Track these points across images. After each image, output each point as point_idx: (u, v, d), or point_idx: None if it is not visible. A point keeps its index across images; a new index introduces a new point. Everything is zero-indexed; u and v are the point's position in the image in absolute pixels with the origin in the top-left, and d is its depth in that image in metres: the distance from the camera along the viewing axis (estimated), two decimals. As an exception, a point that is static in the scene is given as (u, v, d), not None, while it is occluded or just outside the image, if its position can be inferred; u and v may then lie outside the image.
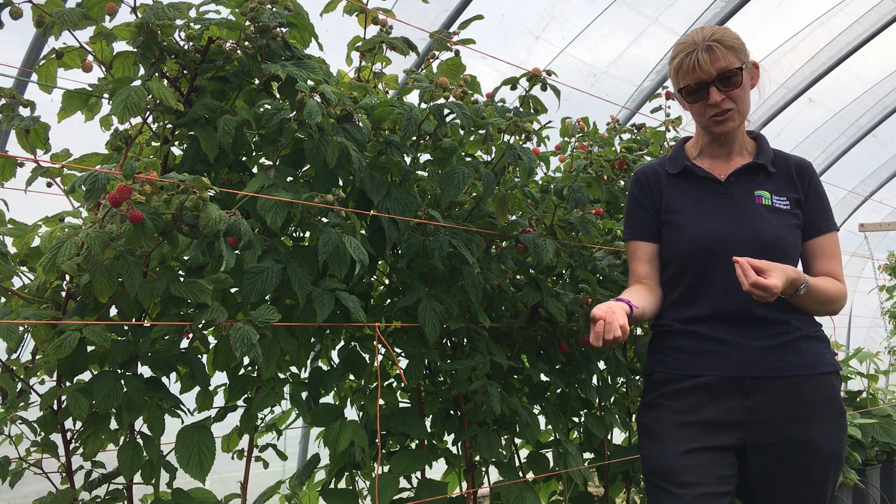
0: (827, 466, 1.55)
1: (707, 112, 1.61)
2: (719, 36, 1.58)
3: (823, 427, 1.55)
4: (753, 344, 1.57)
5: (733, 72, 1.57)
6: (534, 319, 2.15)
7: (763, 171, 1.67)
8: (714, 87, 1.58)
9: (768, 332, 1.58)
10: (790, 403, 1.55)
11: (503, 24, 4.78)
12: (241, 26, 1.65)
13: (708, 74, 1.57)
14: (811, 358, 1.58)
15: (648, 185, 1.73)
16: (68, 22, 1.53)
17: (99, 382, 1.44)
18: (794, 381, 1.56)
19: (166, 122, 1.64)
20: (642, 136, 2.75)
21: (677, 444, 1.56)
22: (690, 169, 1.70)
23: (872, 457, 4.00)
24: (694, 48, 1.58)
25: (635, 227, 1.73)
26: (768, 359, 1.56)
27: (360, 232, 1.74)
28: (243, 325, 1.40)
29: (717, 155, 1.70)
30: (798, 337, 1.59)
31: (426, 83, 1.89)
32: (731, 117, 1.61)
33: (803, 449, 1.54)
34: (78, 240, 1.36)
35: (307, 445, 4.02)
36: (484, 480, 2.13)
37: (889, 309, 6.87)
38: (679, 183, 1.70)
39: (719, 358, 1.58)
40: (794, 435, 1.54)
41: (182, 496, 1.59)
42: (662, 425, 1.61)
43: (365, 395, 2.01)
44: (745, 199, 1.64)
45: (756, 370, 1.56)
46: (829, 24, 5.92)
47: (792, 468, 1.54)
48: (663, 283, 1.71)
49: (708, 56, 1.56)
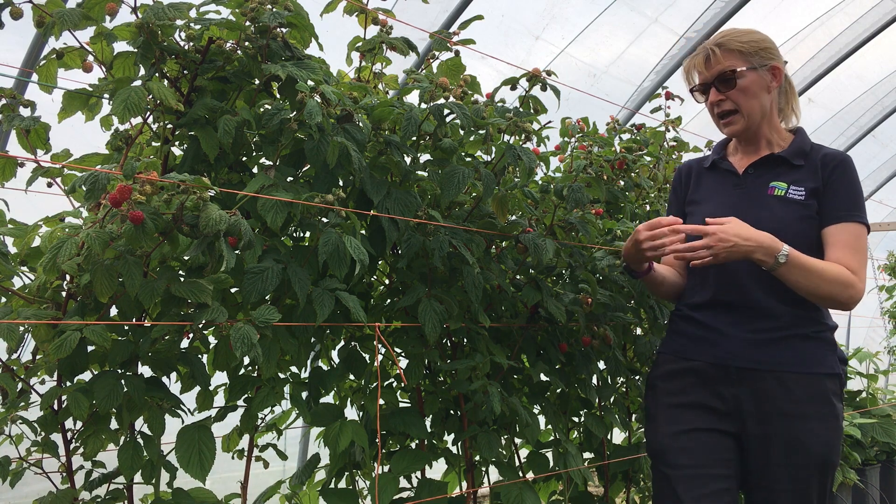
0: (811, 467, 1.54)
1: (713, 111, 1.71)
2: (725, 39, 1.64)
3: (809, 426, 1.55)
4: (742, 336, 1.62)
5: (729, 74, 1.62)
6: (534, 319, 2.16)
7: (785, 164, 1.68)
8: (714, 87, 1.66)
9: (761, 326, 1.62)
10: (776, 398, 1.57)
11: (503, 25, 4.79)
12: (241, 26, 1.65)
13: (707, 76, 1.66)
14: (802, 357, 1.59)
15: (680, 182, 1.87)
16: (68, 22, 1.53)
17: (99, 382, 1.44)
18: (778, 376, 1.58)
19: (166, 122, 1.64)
20: (642, 137, 2.75)
21: (669, 426, 1.64)
22: (717, 163, 1.79)
23: (872, 457, 4.00)
24: (701, 51, 1.67)
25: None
26: (754, 352, 1.60)
27: (360, 232, 1.74)
28: (243, 325, 1.40)
29: (746, 151, 1.76)
30: (792, 335, 1.60)
31: (426, 83, 1.89)
32: (734, 120, 1.67)
33: (786, 445, 1.55)
34: (78, 240, 1.36)
35: (307, 445, 4.02)
36: (484, 480, 2.13)
37: (888, 309, 6.88)
38: (707, 175, 1.81)
39: (709, 345, 1.66)
40: (778, 430, 1.56)
41: (182, 496, 1.59)
42: (657, 407, 1.70)
43: (365, 394, 2.01)
44: (757, 191, 1.68)
45: (740, 360, 1.61)
46: (828, 24, 5.92)
47: (774, 463, 1.56)
48: (685, 270, 1.83)
49: (708, 58, 1.65)
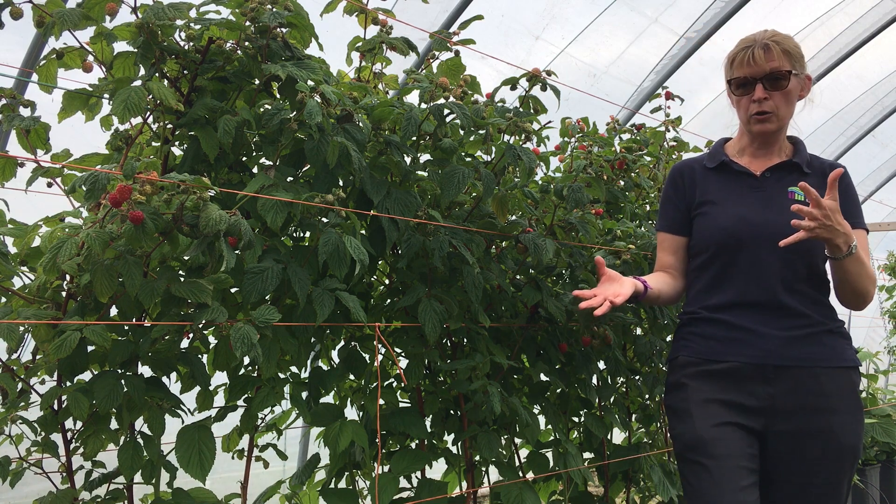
0: (843, 458, 1.59)
1: (750, 108, 1.67)
2: (780, 38, 1.65)
3: (840, 419, 1.59)
4: (777, 334, 1.61)
5: (782, 74, 1.63)
6: (534, 319, 2.16)
7: (798, 170, 1.71)
8: (761, 84, 1.64)
9: (791, 324, 1.62)
10: (809, 393, 1.59)
11: (503, 24, 4.78)
12: (241, 26, 1.65)
13: (758, 71, 1.64)
14: (831, 352, 1.62)
15: (682, 181, 1.81)
16: (68, 22, 1.53)
17: (99, 382, 1.44)
18: (813, 371, 1.60)
19: (166, 122, 1.64)
20: (642, 137, 2.75)
21: (706, 419, 1.62)
22: (728, 163, 1.76)
23: (872, 457, 4.01)
24: (753, 44, 1.65)
25: (664, 219, 1.83)
26: (790, 349, 1.61)
27: (360, 232, 1.74)
28: (243, 325, 1.40)
29: (757, 155, 1.75)
30: (821, 330, 1.63)
31: (426, 83, 1.89)
32: (770, 119, 1.67)
33: (820, 439, 1.58)
34: (78, 240, 1.36)
35: (307, 445, 4.02)
36: (484, 480, 2.13)
37: (889, 309, 6.88)
38: (715, 176, 1.77)
39: (744, 345, 1.63)
40: (812, 424, 1.58)
41: (182, 496, 1.59)
42: (690, 402, 1.66)
43: (365, 394, 2.01)
44: (778, 194, 1.69)
45: (778, 359, 1.61)
46: (828, 24, 5.92)
47: (809, 458, 1.58)
48: (691, 271, 1.79)
49: (763, 53, 1.63)
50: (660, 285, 1.75)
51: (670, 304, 1.85)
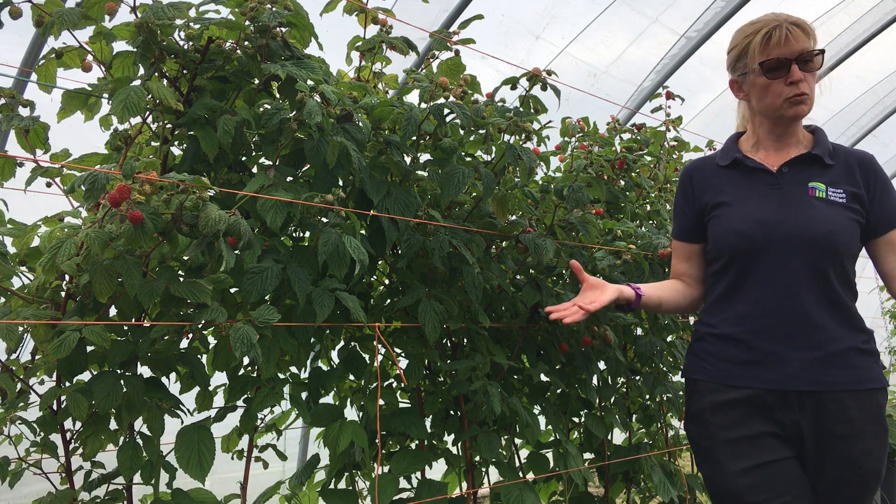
0: (866, 483, 1.51)
1: (784, 92, 1.54)
2: (801, 20, 1.55)
3: (864, 446, 1.49)
4: (801, 356, 1.50)
5: (816, 53, 1.53)
6: (534, 319, 2.15)
7: (819, 163, 1.58)
8: (795, 64, 1.52)
9: (818, 340, 1.50)
10: (834, 420, 1.49)
11: (503, 24, 4.78)
12: (240, 26, 1.65)
13: (793, 51, 1.52)
14: (858, 373, 1.51)
15: (691, 185, 1.70)
16: (68, 22, 1.53)
17: (99, 382, 1.44)
18: (837, 396, 1.49)
19: (166, 122, 1.64)
20: (642, 136, 2.75)
21: (734, 463, 1.51)
22: (741, 160, 1.64)
23: (873, 457, 3.99)
24: (780, 23, 1.54)
25: (676, 226, 1.74)
26: (814, 373, 1.49)
27: (360, 232, 1.74)
28: (243, 325, 1.40)
29: (775, 147, 1.63)
30: (847, 348, 1.51)
31: (426, 83, 1.88)
32: (806, 101, 1.54)
33: (844, 466, 1.49)
34: (77, 240, 1.35)
35: (307, 445, 4.01)
36: (484, 480, 2.13)
37: (889, 309, 6.87)
38: (729, 175, 1.65)
39: (763, 369, 1.52)
40: (837, 451, 1.49)
41: (182, 496, 1.59)
42: (713, 442, 1.55)
43: (365, 395, 2.01)
44: (797, 191, 1.56)
45: (801, 384, 1.49)
46: (829, 24, 5.91)
47: (831, 483, 1.50)
48: (708, 278, 1.67)
49: (799, 31, 1.52)
50: (661, 293, 1.67)
51: (682, 312, 1.74)
